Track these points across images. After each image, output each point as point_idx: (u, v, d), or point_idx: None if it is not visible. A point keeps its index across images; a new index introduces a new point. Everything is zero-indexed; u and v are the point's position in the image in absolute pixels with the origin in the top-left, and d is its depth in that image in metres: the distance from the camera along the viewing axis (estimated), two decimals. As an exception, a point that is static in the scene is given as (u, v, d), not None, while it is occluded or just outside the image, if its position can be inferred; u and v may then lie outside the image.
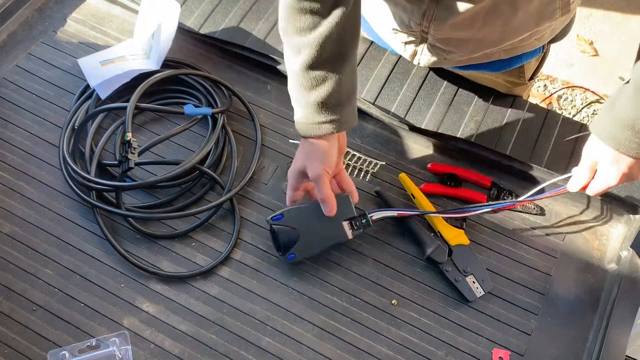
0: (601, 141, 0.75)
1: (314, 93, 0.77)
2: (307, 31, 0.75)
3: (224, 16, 1.03)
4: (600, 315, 0.82)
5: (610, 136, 0.74)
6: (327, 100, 0.77)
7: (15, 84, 0.98)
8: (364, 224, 0.82)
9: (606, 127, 0.74)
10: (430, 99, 0.97)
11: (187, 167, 0.87)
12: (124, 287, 0.82)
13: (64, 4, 1.07)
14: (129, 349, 0.77)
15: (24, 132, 0.93)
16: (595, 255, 0.88)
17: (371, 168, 0.92)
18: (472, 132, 0.93)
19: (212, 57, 1.02)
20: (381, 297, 0.82)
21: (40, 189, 0.88)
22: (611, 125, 0.74)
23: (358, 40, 0.79)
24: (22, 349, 0.76)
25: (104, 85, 0.92)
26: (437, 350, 0.79)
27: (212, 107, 0.93)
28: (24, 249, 0.84)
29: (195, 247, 0.85)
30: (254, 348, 0.78)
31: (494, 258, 0.86)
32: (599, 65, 2.13)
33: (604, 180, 0.77)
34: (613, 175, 0.76)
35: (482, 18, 0.81)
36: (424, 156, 0.94)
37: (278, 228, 0.82)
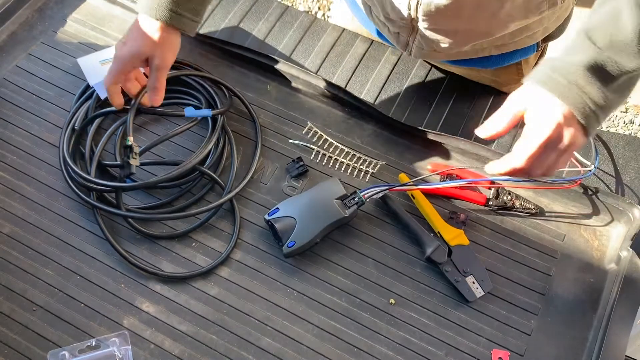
0: (538, 86, 0.69)
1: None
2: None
3: (223, 16, 1.03)
4: (600, 315, 0.82)
5: (549, 80, 0.68)
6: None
7: (15, 84, 0.98)
8: (357, 201, 0.84)
9: (547, 72, 0.69)
10: (430, 99, 0.97)
11: (187, 168, 0.87)
12: (124, 288, 0.82)
13: (64, 4, 1.07)
14: (129, 349, 0.77)
15: (24, 132, 0.93)
16: (595, 255, 0.88)
17: (371, 168, 0.92)
18: (472, 132, 0.93)
19: (212, 57, 1.02)
20: (381, 297, 0.83)
21: (40, 189, 0.88)
22: (553, 72, 0.69)
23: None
24: (22, 349, 0.76)
25: (104, 85, 0.92)
26: (436, 351, 0.79)
27: (212, 107, 0.93)
28: (24, 249, 0.84)
29: (195, 248, 0.85)
30: (254, 348, 0.78)
31: (494, 258, 0.86)
32: (599, 65, 2.13)
33: (536, 134, 0.69)
34: (547, 124, 0.68)
35: (468, 8, 0.81)
36: (424, 156, 0.94)
37: (275, 220, 0.83)
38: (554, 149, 0.69)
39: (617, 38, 0.68)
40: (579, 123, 0.69)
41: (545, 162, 0.70)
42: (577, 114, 0.68)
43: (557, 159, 0.70)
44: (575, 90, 0.68)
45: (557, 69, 0.69)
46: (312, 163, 0.92)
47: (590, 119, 0.69)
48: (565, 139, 0.69)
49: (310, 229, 0.82)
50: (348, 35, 1.03)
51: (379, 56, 1.01)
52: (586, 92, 0.68)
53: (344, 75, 0.99)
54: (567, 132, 0.68)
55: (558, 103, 0.68)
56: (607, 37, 0.68)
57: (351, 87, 0.98)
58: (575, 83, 0.68)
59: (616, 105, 0.71)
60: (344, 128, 0.96)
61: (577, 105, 0.68)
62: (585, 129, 0.69)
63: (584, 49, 0.69)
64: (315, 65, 0.99)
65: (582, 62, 0.68)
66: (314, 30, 1.03)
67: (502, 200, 0.89)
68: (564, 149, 0.69)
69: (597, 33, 0.69)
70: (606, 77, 0.69)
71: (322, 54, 1.00)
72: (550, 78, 0.69)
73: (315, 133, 0.95)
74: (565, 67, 0.69)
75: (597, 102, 0.68)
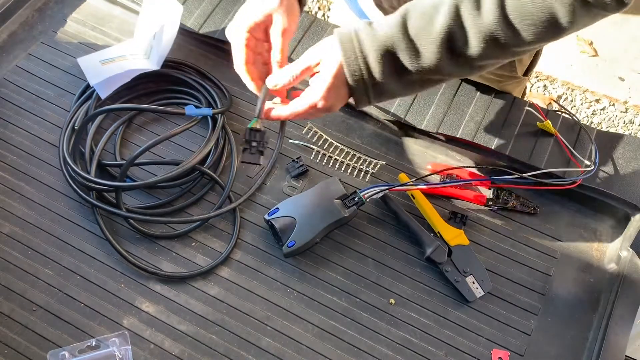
0: (336, 40, 0.70)
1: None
2: None
3: (224, 16, 1.03)
4: (600, 315, 0.82)
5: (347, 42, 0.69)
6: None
7: (15, 84, 0.98)
8: (357, 201, 0.84)
9: (351, 34, 0.70)
10: (430, 99, 0.97)
11: (187, 168, 0.87)
12: (124, 287, 0.82)
13: (64, 4, 1.07)
14: (129, 349, 0.77)
15: (24, 132, 0.93)
16: (595, 255, 0.88)
17: (371, 168, 0.92)
18: (472, 132, 0.93)
19: (212, 57, 1.02)
20: (381, 297, 0.83)
21: (40, 189, 0.88)
22: (355, 36, 0.69)
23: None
24: (22, 349, 0.76)
25: (104, 85, 0.92)
26: (436, 351, 0.79)
27: (212, 107, 0.93)
28: (24, 249, 0.84)
29: (195, 248, 0.85)
30: (254, 348, 0.78)
31: (494, 258, 0.86)
32: (598, 65, 2.13)
33: (310, 94, 0.72)
34: (320, 88, 0.70)
35: None
36: (424, 156, 0.94)
37: (275, 220, 0.83)
38: (317, 111, 0.73)
39: (424, 33, 0.68)
40: (348, 87, 0.71)
41: (303, 116, 0.74)
42: (350, 79, 0.70)
43: (314, 114, 0.74)
44: (361, 61, 0.69)
45: (359, 35, 0.70)
46: (312, 163, 0.92)
47: (359, 90, 0.71)
48: (329, 102, 0.72)
49: (310, 229, 0.82)
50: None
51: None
52: (369, 65, 0.69)
53: (344, 75, 0.99)
54: (333, 95, 0.71)
55: (337, 66, 0.70)
56: (415, 27, 0.68)
57: (351, 87, 0.97)
58: (363, 54, 0.69)
59: (393, 94, 0.73)
60: (344, 128, 0.96)
61: (354, 73, 0.70)
62: (354, 97, 0.72)
63: (394, 26, 0.69)
64: (315, 65, 0.99)
65: (382, 39, 0.69)
66: (314, 30, 1.03)
67: (502, 200, 0.89)
68: (322, 108, 0.73)
69: (413, 19, 0.69)
70: (397, 66, 0.70)
71: (322, 54, 1.00)
72: (349, 39, 0.70)
73: (315, 133, 0.95)
74: (367, 38, 0.69)
75: (375, 78, 0.70)
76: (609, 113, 2.07)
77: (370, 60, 0.69)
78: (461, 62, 0.70)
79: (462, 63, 0.70)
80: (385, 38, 0.68)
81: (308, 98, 0.72)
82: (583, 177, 0.87)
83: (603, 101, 2.08)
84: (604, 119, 2.07)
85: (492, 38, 0.67)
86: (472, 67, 0.71)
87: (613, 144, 0.93)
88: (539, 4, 0.64)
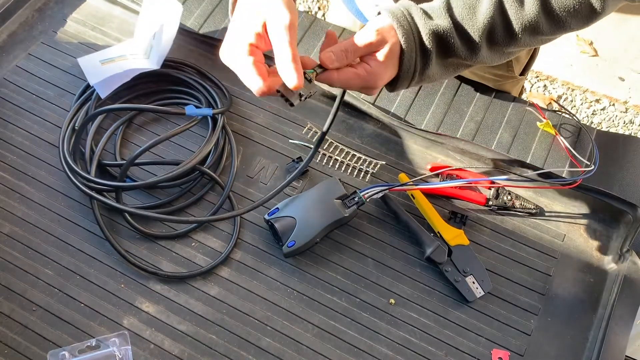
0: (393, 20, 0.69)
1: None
2: None
3: (224, 16, 1.03)
4: (600, 315, 0.82)
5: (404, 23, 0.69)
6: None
7: (15, 84, 0.98)
8: (357, 201, 0.84)
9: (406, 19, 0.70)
10: (430, 99, 0.97)
11: (187, 168, 0.87)
12: (124, 287, 0.82)
13: (64, 4, 1.07)
14: (129, 349, 0.77)
15: (24, 132, 0.93)
16: (595, 255, 0.88)
17: (371, 168, 0.92)
18: (472, 132, 0.94)
19: (212, 57, 1.02)
20: (381, 297, 0.83)
21: (40, 189, 0.88)
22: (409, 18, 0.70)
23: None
24: (22, 349, 0.76)
25: (104, 84, 0.92)
26: (436, 351, 0.79)
27: (212, 107, 0.93)
28: (24, 249, 0.84)
29: (195, 247, 0.85)
30: (254, 348, 0.78)
31: (494, 258, 0.86)
32: (598, 65, 2.14)
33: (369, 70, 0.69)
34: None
35: None
36: (424, 156, 0.94)
37: (275, 220, 0.83)
38: (367, 88, 0.71)
39: (469, 22, 0.70)
40: (399, 69, 0.71)
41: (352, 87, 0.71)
42: (405, 62, 0.70)
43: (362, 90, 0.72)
44: (418, 45, 0.70)
45: (415, 19, 0.70)
46: (312, 163, 0.92)
47: (407, 73, 0.71)
48: (383, 81, 0.71)
49: (310, 229, 0.82)
50: (348, 35, 1.03)
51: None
52: (424, 49, 0.70)
53: (344, 75, 0.98)
54: (387, 76, 0.71)
55: (398, 49, 0.70)
56: (460, 15, 0.70)
57: (351, 87, 0.97)
58: (420, 38, 0.70)
59: (431, 78, 0.73)
60: (344, 128, 0.96)
61: (410, 57, 0.70)
62: (397, 81, 0.72)
63: (440, 15, 0.70)
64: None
65: (433, 25, 0.70)
66: (314, 30, 1.03)
67: (502, 200, 0.89)
68: (373, 87, 0.71)
69: (457, 8, 0.70)
70: (442, 52, 0.72)
71: (322, 54, 1.00)
72: (406, 22, 0.70)
73: (316, 133, 0.95)
74: (420, 22, 0.70)
75: (425, 63, 0.71)
76: (609, 113, 2.07)
77: (424, 44, 0.70)
78: (496, 49, 0.73)
79: (497, 50, 0.73)
80: (436, 24, 0.70)
81: (363, 71, 0.70)
82: (583, 177, 0.87)
83: (603, 101, 2.08)
84: (604, 119, 2.07)
85: (532, 28, 0.70)
86: (503, 54, 0.75)
87: (613, 144, 0.93)
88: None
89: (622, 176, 0.90)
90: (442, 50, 0.72)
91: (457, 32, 0.71)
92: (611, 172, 0.90)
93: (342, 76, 0.69)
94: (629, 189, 0.88)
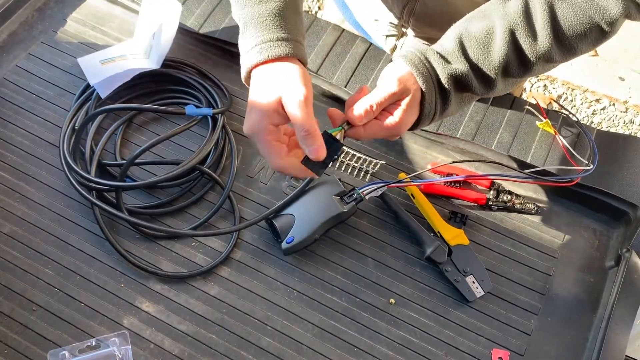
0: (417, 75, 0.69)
1: (266, 4, 0.68)
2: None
3: (224, 16, 1.03)
4: (600, 315, 0.82)
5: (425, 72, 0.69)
6: (282, 12, 0.68)
7: (15, 84, 0.98)
8: (355, 197, 0.84)
9: (425, 68, 0.70)
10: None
11: (187, 167, 0.87)
12: (124, 287, 0.82)
13: (64, 4, 1.07)
14: (129, 349, 0.77)
15: (24, 132, 0.93)
16: (595, 255, 0.88)
17: (371, 168, 0.92)
18: (472, 132, 0.94)
19: (212, 57, 1.02)
20: (381, 297, 0.83)
21: (40, 189, 0.88)
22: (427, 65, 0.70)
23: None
24: (22, 349, 0.76)
25: (104, 84, 0.92)
26: (436, 350, 0.79)
27: (212, 107, 0.93)
28: (24, 249, 0.84)
29: (195, 247, 0.85)
30: (254, 348, 0.78)
31: (494, 258, 0.86)
32: (598, 65, 2.13)
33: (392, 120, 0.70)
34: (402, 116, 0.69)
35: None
36: (424, 156, 0.94)
37: (274, 218, 0.83)
38: (392, 135, 0.72)
39: (484, 62, 0.71)
40: (419, 113, 0.72)
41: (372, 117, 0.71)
42: (426, 107, 0.71)
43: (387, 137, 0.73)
44: (437, 90, 0.71)
45: (432, 64, 0.71)
46: (312, 163, 0.92)
47: (428, 116, 0.72)
48: (406, 127, 0.71)
49: (309, 225, 0.82)
50: (348, 35, 1.03)
51: (379, 56, 1.01)
52: (444, 93, 0.72)
53: (344, 75, 0.99)
54: (410, 121, 0.71)
55: (419, 96, 0.70)
56: (476, 57, 0.71)
57: (351, 87, 0.98)
58: (439, 82, 0.71)
59: (449, 114, 0.75)
60: (344, 128, 0.96)
61: (430, 102, 0.71)
62: (422, 109, 0.72)
63: (456, 58, 0.71)
64: (315, 65, 0.99)
65: (451, 68, 0.71)
66: (314, 30, 1.03)
67: (502, 200, 0.89)
68: (397, 134, 0.72)
69: (471, 49, 0.71)
70: (459, 91, 0.73)
71: (322, 54, 1.00)
72: (424, 68, 0.70)
73: (315, 133, 0.94)
74: (438, 67, 0.71)
75: (444, 104, 0.73)
76: (609, 113, 2.07)
77: (443, 87, 0.71)
78: (510, 81, 0.75)
79: (510, 82, 0.75)
80: (454, 68, 0.71)
81: (389, 123, 0.70)
82: (581, 175, 0.87)
83: (603, 101, 2.08)
84: (604, 118, 2.07)
85: (545, 58, 0.72)
86: (516, 82, 0.76)
87: (613, 144, 0.93)
88: (583, 19, 0.69)
89: (622, 176, 0.90)
90: (460, 89, 0.73)
91: (474, 73, 0.72)
92: (611, 172, 0.90)
93: (369, 130, 0.70)
94: (629, 189, 0.88)
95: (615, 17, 0.69)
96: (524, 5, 0.70)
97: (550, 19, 0.69)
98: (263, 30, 0.68)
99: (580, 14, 0.69)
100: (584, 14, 0.69)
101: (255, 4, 0.69)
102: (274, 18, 0.68)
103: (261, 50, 0.67)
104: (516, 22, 0.70)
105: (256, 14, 0.69)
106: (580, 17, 0.69)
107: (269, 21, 0.68)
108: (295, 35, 0.69)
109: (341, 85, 0.97)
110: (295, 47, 0.68)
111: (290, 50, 0.67)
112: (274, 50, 0.67)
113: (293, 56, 0.68)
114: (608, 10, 0.69)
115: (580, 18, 0.69)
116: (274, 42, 0.67)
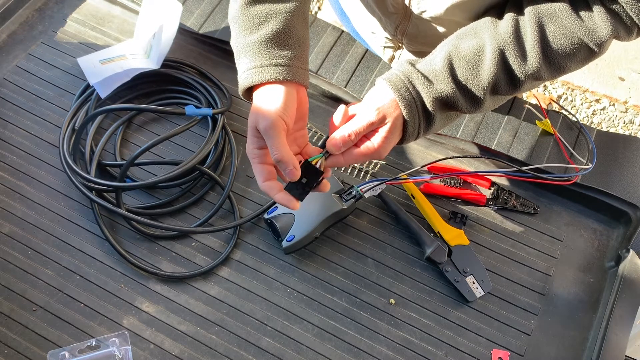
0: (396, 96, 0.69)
1: (256, 33, 0.69)
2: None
3: (224, 16, 1.03)
4: (600, 315, 0.82)
5: (407, 96, 0.69)
6: (271, 40, 0.69)
7: (15, 84, 0.98)
8: (354, 195, 0.84)
9: (409, 90, 0.70)
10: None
11: (187, 168, 0.87)
12: (124, 287, 0.82)
13: (64, 4, 1.07)
14: (129, 349, 0.77)
15: (24, 132, 0.93)
16: (595, 255, 0.88)
17: (371, 168, 0.92)
18: (472, 132, 0.94)
19: (212, 57, 1.02)
20: (381, 297, 0.83)
21: (40, 189, 0.88)
22: (412, 88, 0.70)
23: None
24: (22, 349, 0.76)
25: (103, 84, 0.92)
26: (436, 351, 0.79)
27: (212, 107, 0.93)
28: (24, 249, 0.84)
29: (195, 248, 0.85)
30: (254, 348, 0.78)
31: (494, 258, 0.86)
32: (598, 65, 2.13)
33: (370, 146, 0.70)
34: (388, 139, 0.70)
35: None
36: (424, 156, 0.94)
37: (274, 217, 0.83)
38: (371, 158, 0.72)
39: (473, 82, 0.71)
40: (402, 135, 0.72)
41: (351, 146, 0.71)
42: (409, 130, 0.71)
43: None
44: (421, 112, 0.71)
45: (416, 87, 0.71)
46: (312, 163, 0.92)
47: (411, 136, 0.72)
48: (386, 151, 0.71)
49: (308, 223, 0.82)
50: (348, 35, 1.03)
51: (378, 57, 1.01)
52: (427, 115, 0.71)
53: (344, 75, 0.99)
54: (391, 145, 0.71)
55: (401, 122, 0.71)
56: (464, 77, 0.71)
57: (351, 87, 0.98)
58: (422, 104, 0.71)
59: (434, 130, 0.74)
60: (344, 128, 0.96)
61: (412, 124, 0.71)
62: (405, 132, 0.72)
63: (443, 80, 0.71)
64: (315, 65, 0.99)
65: (436, 91, 0.71)
66: (314, 30, 1.03)
67: (502, 200, 0.89)
68: (378, 156, 0.72)
69: (460, 69, 0.71)
70: (445, 109, 0.73)
71: (322, 54, 1.00)
72: (408, 93, 0.70)
73: (315, 133, 0.95)
74: (423, 90, 0.71)
75: (428, 125, 0.72)
76: (609, 113, 2.07)
77: (428, 110, 0.71)
78: (498, 98, 0.75)
79: (498, 99, 0.75)
80: (439, 91, 0.70)
81: (368, 150, 0.71)
82: (579, 174, 0.87)
83: (603, 101, 2.08)
84: (604, 119, 2.07)
85: (534, 77, 0.72)
86: (502, 101, 0.77)
87: (613, 144, 0.93)
88: (572, 40, 0.69)
89: (622, 176, 0.90)
90: (445, 109, 0.73)
91: (462, 93, 0.71)
92: (611, 172, 0.90)
93: (349, 158, 0.71)
94: (629, 189, 0.88)
95: (604, 39, 0.69)
96: (514, 24, 0.70)
97: (540, 39, 0.69)
98: (251, 58, 0.70)
99: (569, 35, 0.69)
100: (573, 34, 0.69)
101: (247, 35, 0.70)
102: (261, 45, 0.69)
103: (247, 77, 0.70)
104: (506, 42, 0.70)
105: (245, 42, 0.70)
106: (569, 37, 0.69)
107: (256, 49, 0.69)
108: (287, 59, 0.69)
109: (341, 85, 0.97)
110: (285, 71, 0.69)
111: (277, 74, 0.68)
112: (258, 76, 0.69)
113: (280, 81, 0.69)
114: (597, 32, 0.69)
115: (570, 39, 0.69)
116: (258, 68, 0.69)
